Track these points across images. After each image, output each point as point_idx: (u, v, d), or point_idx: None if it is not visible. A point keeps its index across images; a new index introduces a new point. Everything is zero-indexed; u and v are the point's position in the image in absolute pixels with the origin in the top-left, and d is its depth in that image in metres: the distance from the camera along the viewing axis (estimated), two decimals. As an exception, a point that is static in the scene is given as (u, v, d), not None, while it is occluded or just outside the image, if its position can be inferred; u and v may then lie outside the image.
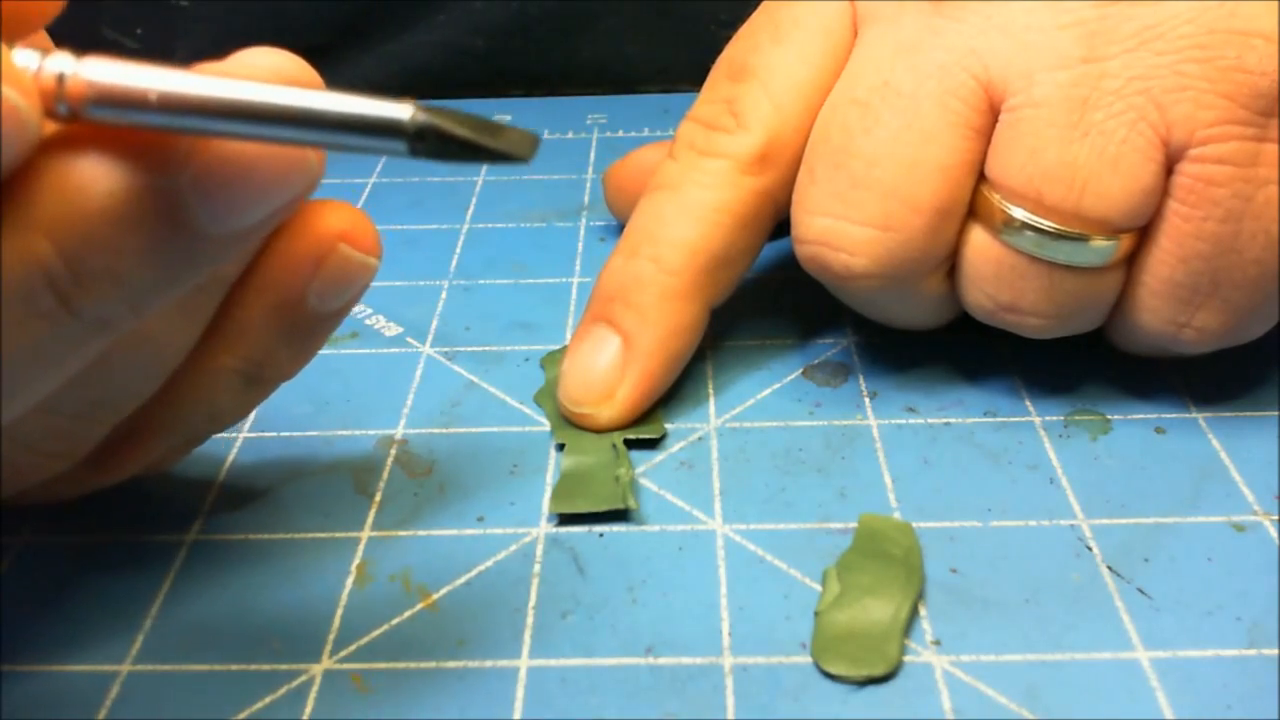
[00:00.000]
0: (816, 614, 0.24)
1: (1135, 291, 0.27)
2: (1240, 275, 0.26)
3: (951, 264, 0.28)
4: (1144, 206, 0.26)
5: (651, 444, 0.29)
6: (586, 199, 0.41)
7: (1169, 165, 0.26)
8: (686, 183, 0.29)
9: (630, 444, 0.29)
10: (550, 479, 0.28)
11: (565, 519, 0.27)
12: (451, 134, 0.17)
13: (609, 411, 0.29)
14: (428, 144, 0.17)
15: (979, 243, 0.27)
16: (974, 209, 0.27)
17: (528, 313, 0.35)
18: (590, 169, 0.43)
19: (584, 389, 0.29)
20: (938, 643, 0.23)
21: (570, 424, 0.29)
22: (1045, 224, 0.26)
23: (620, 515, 0.27)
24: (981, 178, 0.27)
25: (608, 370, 0.29)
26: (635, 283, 0.29)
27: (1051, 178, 0.26)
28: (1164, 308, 0.27)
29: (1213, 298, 0.26)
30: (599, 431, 0.29)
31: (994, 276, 0.27)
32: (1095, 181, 0.25)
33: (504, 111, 0.48)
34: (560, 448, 0.29)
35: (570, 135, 0.46)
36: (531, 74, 0.50)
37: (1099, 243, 0.26)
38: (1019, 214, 0.26)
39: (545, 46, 0.50)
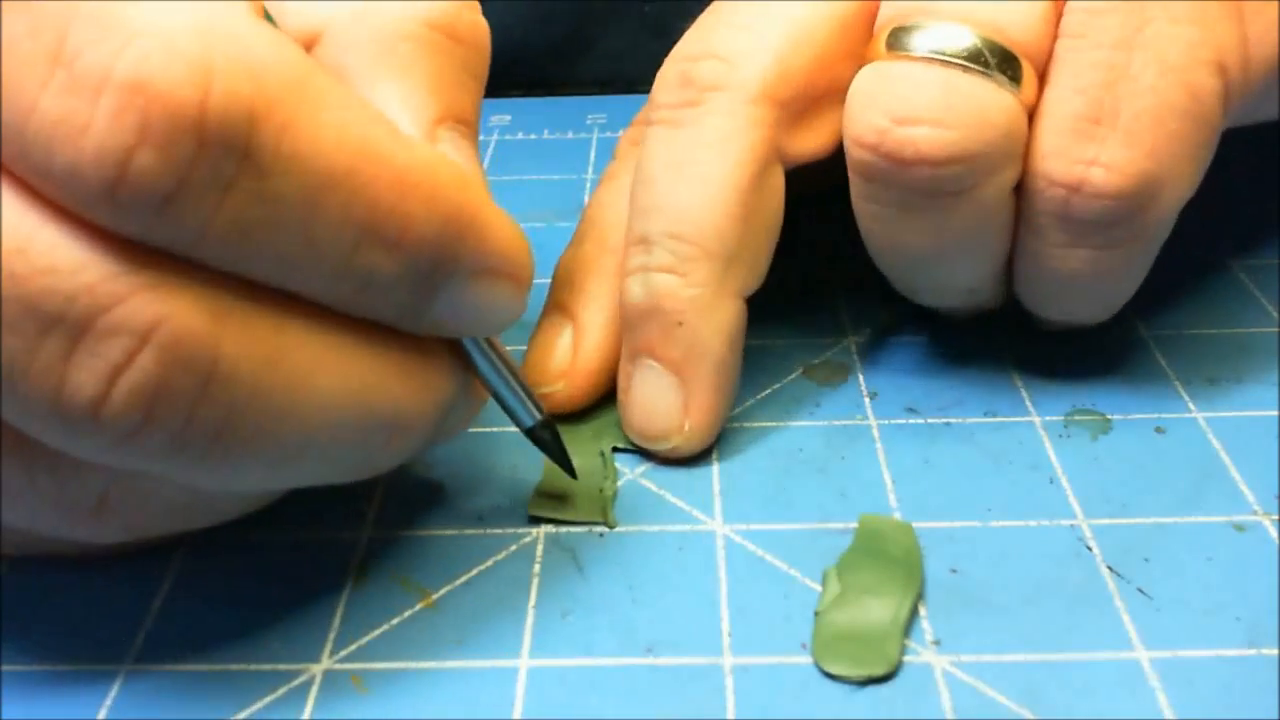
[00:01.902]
0: (816, 614, 0.24)
1: (1038, 139, 0.27)
2: (1139, 103, 0.26)
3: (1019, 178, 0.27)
4: (1039, 27, 0.26)
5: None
6: (586, 199, 0.41)
7: (1059, 6, 0.27)
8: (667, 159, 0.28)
9: (624, 446, 0.29)
10: (550, 479, 0.28)
11: (545, 519, 0.27)
12: (544, 447, 0.26)
13: (683, 442, 0.28)
14: (536, 441, 0.26)
15: (864, 72, 0.27)
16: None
17: (528, 312, 0.34)
18: (590, 169, 0.44)
19: (651, 427, 0.28)
20: (938, 643, 0.23)
21: (566, 419, 0.29)
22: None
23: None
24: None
25: (670, 409, 0.28)
26: (669, 300, 0.28)
27: None
28: (1068, 146, 0.26)
29: (1115, 130, 0.26)
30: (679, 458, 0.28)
31: (886, 91, 0.26)
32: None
33: (504, 112, 0.48)
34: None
35: (570, 135, 0.46)
36: (531, 76, 0.51)
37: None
38: (917, 20, 0.27)
39: (544, 67, 0.50)
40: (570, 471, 0.26)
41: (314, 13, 0.24)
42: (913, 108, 0.26)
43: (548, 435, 0.26)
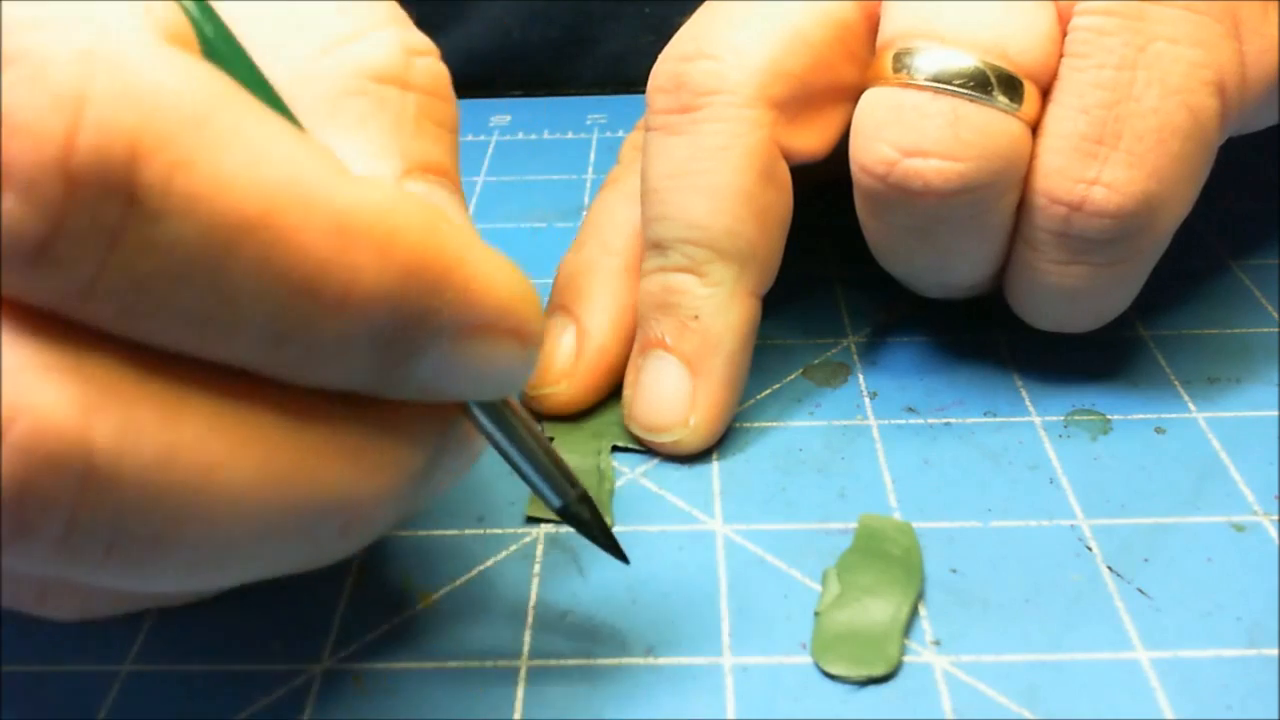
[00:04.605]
0: (816, 614, 0.24)
1: (1041, 158, 0.27)
2: (1141, 124, 0.26)
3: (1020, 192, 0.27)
4: (1042, 47, 0.26)
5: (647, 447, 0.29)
6: (586, 199, 0.41)
7: (1062, 26, 0.27)
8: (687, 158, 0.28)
9: (625, 445, 0.29)
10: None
11: (544, 520, 0.27)
12: (583, 528, 0.23)
13: (687, 436, 0.28)
14: (567, 521, 0.23)
15: (870, 96, 0.27)
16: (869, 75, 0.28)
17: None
18: (590, 169, 0.43)
19: (657, 418, 0.28)
20: (938, 643, 0.23)
21: (558, 419, 0.29)
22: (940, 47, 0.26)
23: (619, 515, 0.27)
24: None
25: (677, 401, 0.28)
26: (685, 296, 0.28)
27: (948, 18, 0.27)
28: (1070, 165, 0.26)
29: (1117, 150, 0.26)
30: (681, 454, 0.28)
31: (894, 121, 0.27)
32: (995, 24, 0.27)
33: (504, 112, 0.48)
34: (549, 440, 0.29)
35: (570, 135, 0.46)
36: (531, 76, 0.50)
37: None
38: (920, 44, 0.27)
39: (544, 67, 0.50)
40: (620, 556, 0.23)
41: None
42: (921, 139, 0.26)
43: (585, 513, 0.23)
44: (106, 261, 0.15)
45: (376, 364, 0.18)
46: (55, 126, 0.15)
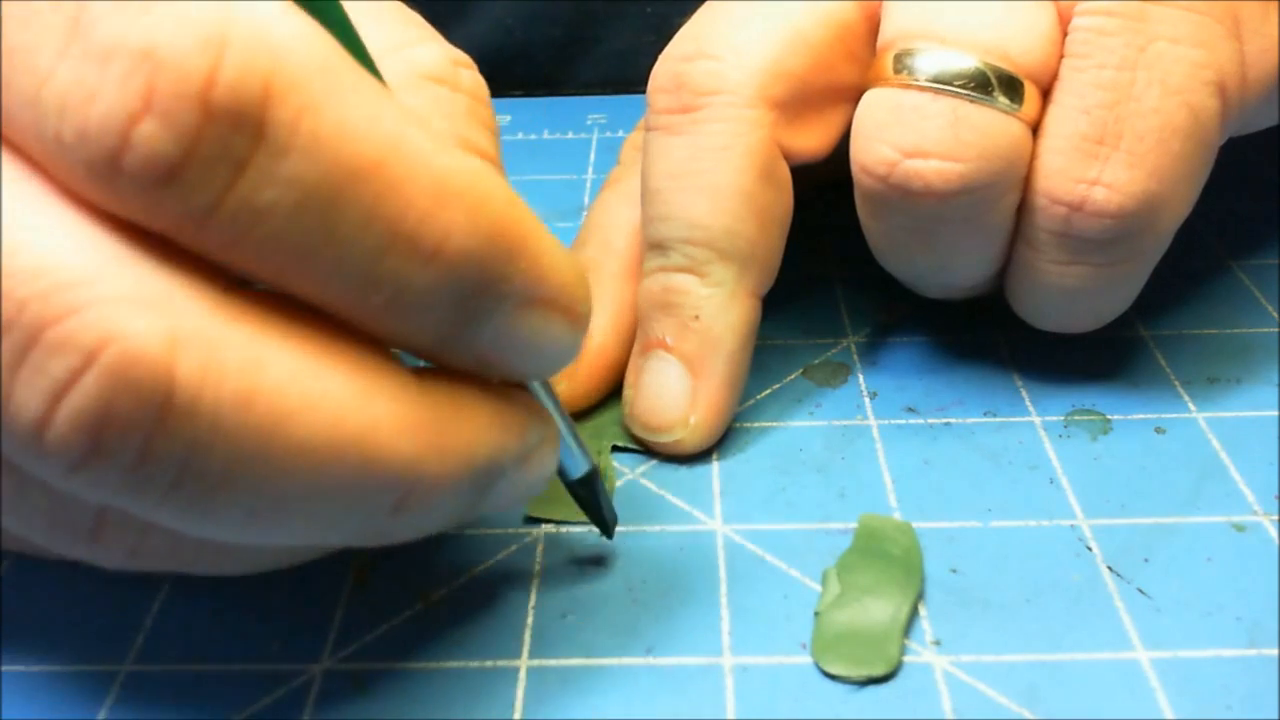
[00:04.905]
0: (816, 614, 0.24)
1: (1041, 158, 0.27)
2: (1142, 124, 0.26)
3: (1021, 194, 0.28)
4: (1042, 48, 0.27)
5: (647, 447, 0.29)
6: (586, 199, 0.41)
7: (1063, 27, 0.27)
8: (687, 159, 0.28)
9: (625, 445, 0.29)
10: (550, 479, 0.28)
11: (544, 519, 0.27)
12: (576, 498, 0.25)
13: (688, 436, 0.28)
14: (575, 494, 0.25)
15: (871, 97, 0.27)
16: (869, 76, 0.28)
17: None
18: (590, 169, 0.43)
19: (658, 417, 0.28)
20: (938, 643, 0.23)
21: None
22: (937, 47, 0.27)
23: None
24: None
25: (678, 400, 0.28)
26: (686, 296, 0.28)
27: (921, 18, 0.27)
28: (1071, 166, 0.26)
29: (1118, 150, 0.26)
30: (681, 454, 0.28)
31: (895, 122, 0.27)
32: (996, 24, 0.27)
33: (504, 112, 0.48)
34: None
35: (570, 135, 0.46)
36: (531, 76, 0.51)
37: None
38: (921, 45, 0.27)
39: (544, 67, 0.50)
40: (607, 531, 0.25)
41: None
42: (921, 140, 0.26)
43: (587, 491, 0.25)
44: (229, 189, 0.17)
45: (449, 320, 0.19)
46: (200, 63, 0.16)
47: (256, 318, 0.18)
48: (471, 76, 0.24)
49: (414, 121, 0.18)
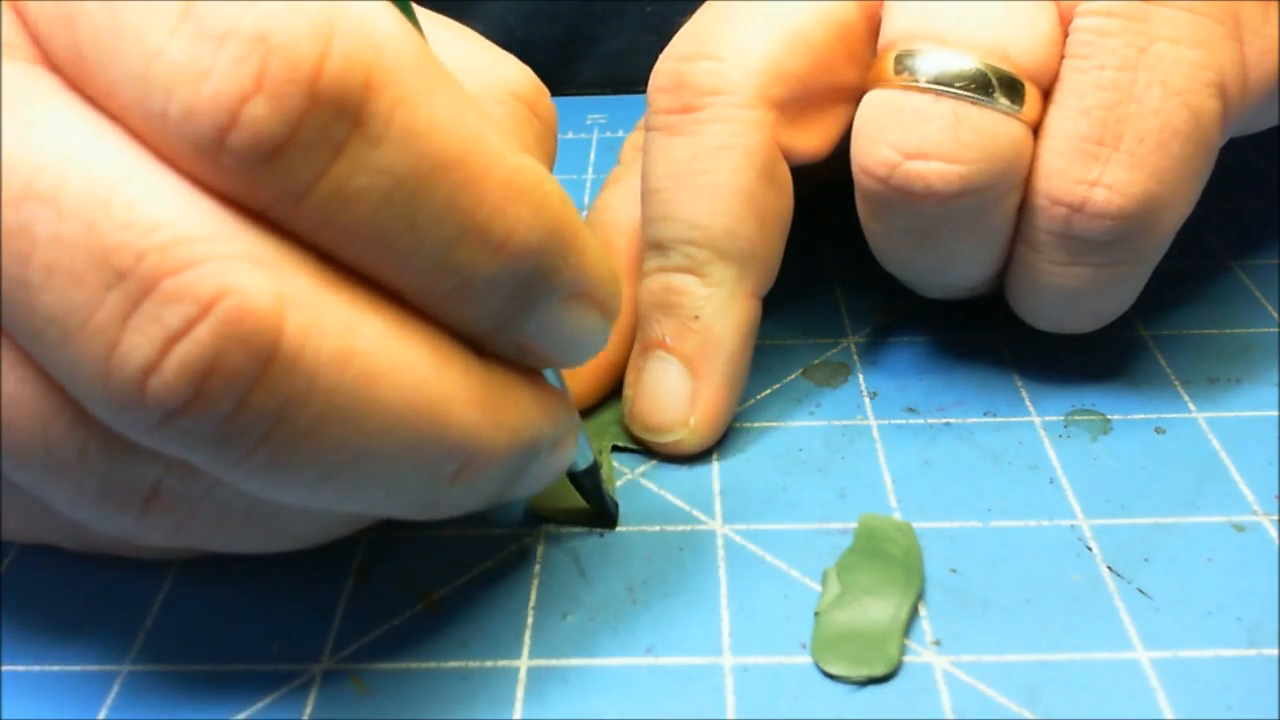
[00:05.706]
0: (816, 614, 0.24)
1: (1042, 159, 0.27)
2: (1143, 125, 0.26)
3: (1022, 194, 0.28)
4: (1043, 48, 0.27)
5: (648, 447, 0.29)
6: (586, 199, 0.41)
7: (1064, 27, 0.27)
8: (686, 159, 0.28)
9: (625, 445, 0.29)
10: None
11: (544, 516, 0.27)
12: (581, 488, 0.26)
13: (688, 436, 0.28)
14: (576, 484, 0.26)
15: (872, 98, 0.27)
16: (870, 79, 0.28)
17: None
18: (590, 169, 0.43)
19: (658, 418, 0.28)
20: (938, 643, 0.23)
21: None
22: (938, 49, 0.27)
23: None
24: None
25: (678, 400, 0.28)
26: (686, 297, 0.28)
27: (948, 19, 0.27)
28: (1071, 167, 0.26)
29: (1118, 151, 0.26)
30: (681, 454, 0.28)
31: (896, 123, 0.27)
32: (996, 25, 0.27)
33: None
34: None
35: (570, 135, 0.46)
36: None
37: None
38: (921, 46, 0.27)
39: (544, 67, 0.50)
40: (610, 520, 0.26)
41: None
42: (922, 142, 0.26)
43: (589, 482, 0.26)
44: (325, 173, 0.18)
45: (504, 309, 0.20)
46: (310, 50, 0.17)
47: (349, 288, 0.19)
48: (549, 106, 0.25)
49: (490, 122, 0.19)
